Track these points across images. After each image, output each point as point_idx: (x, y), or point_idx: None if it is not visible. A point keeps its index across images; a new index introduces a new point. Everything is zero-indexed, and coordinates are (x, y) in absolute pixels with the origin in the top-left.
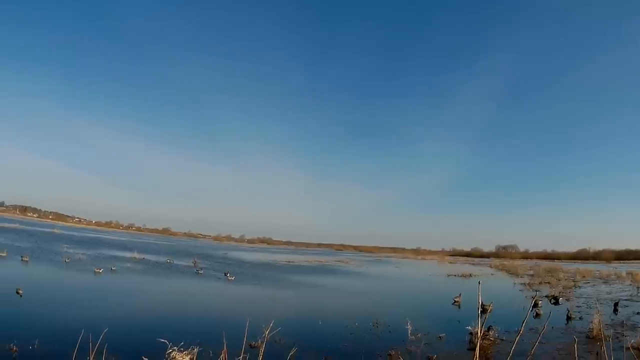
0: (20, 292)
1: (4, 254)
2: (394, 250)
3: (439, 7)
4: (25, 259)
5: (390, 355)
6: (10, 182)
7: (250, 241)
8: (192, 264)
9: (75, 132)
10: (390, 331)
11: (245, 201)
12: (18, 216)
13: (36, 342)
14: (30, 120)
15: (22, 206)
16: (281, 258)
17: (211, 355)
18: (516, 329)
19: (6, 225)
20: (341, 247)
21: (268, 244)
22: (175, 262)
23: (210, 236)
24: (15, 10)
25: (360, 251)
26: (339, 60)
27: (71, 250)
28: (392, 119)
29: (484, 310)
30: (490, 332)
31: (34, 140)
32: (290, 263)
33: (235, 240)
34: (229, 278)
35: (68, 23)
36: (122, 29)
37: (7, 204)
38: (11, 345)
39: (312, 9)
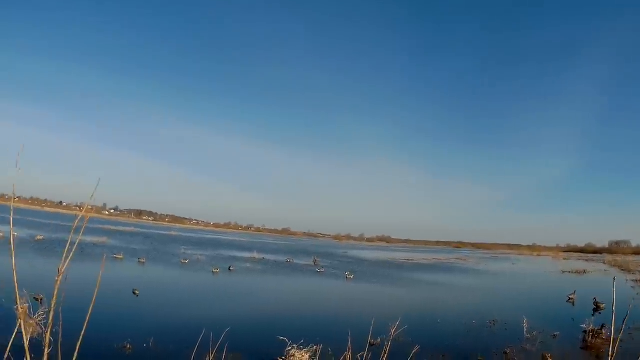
0: (137, 292)
1: (121, 257)
2: (510, 247)
3: (542, 5)
4: (142, 261)
5: (506, 353)
6: (125, 188)
7: (369, 240)
8: (313, 263)
9: (192, 137)
10: (506, 329)
11: (364, 200)
12: (133, 220)
13: (151, 340)
14: (147, 127)
15: (138, 210)
16: (400, 256)
17: (330, 352)
18: (630, 327)
19: (121, 228)
20: (459, 245)
21: (387, 242)
22: (295, 261)
23: (329, 235)
24: (125, 18)
25: (478, 248)
26: (444, 61)
27: (189, 252)
28: (501, 118)
29: (597, 308)
30: (604, 331)
31: (149, 147)
32: (409, 261)
33: (355, 239)
34: (348, 277)
35: (182, 27)
36: (234, 32)
37: (122, 208)
38: (125, 343)
39: (417, 10)
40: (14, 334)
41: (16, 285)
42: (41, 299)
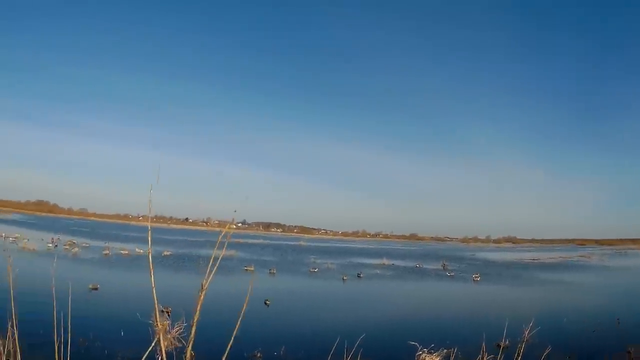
0: (268, 302)
1: (251, 269)
2: (634, 242)
3: None
4: (273, 272)
5: (629, 352)
6: (252, 201)
7: (495, 241)
8: (442, 267)
9: (314, 148)
10: (631, 327)
11: (489, 201)
12: (262, 232)
13: (282, 349)
14: (270, 141)
15: (266, 222)
16: (526, 256)
17: (461, 356)
18: None
19: (250, 241)
20: (583, 242)
21: (513, 243)
22: (424, 266)
23: (457, 239)
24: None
25: (601, 245)
26: (564, 62)
27: (318, 261)
28: (619, 118)
29: None
30: None
31: (275, 160)
32: (535, 261)
33: (482, 241)
34: (475, 278)
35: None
36: (353, 42)
37: (249, 221)
38: (256, 352)
39: (532, 14)
40: (149, 348)
41: (155, 301)
42: (169, 312)
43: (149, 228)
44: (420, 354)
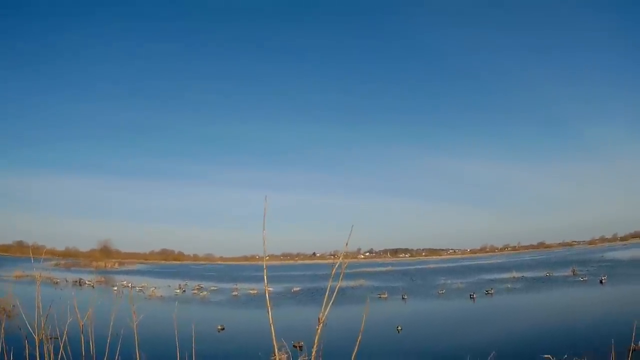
0: (399, 328)
1: (385, 296)
2: None
3: None
4: (404, 297)
5: None
6: (377, 229)
7: (622, 239)
8: (571, 273)
9: (434, 167)
10: None
11: (613, 199)
12: (389, 259)
13: None
14: (394, 168)
15: (393, 249)
16: None
17: None
18: None
19: (379, 269)
20: None
21: None
22: (554, 273)
23: (584, 242)
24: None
25: None
26: None
27: (448, 282)
28: None
29: None
30: None
31: (397, 185)
32: None
33: (608, 240)
34: (603, 280)
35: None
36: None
37: (376, 250)
38: None
39: None
40: None
41: (274, 337)
42: (300, 347)
43: (265, 266)
44: None
